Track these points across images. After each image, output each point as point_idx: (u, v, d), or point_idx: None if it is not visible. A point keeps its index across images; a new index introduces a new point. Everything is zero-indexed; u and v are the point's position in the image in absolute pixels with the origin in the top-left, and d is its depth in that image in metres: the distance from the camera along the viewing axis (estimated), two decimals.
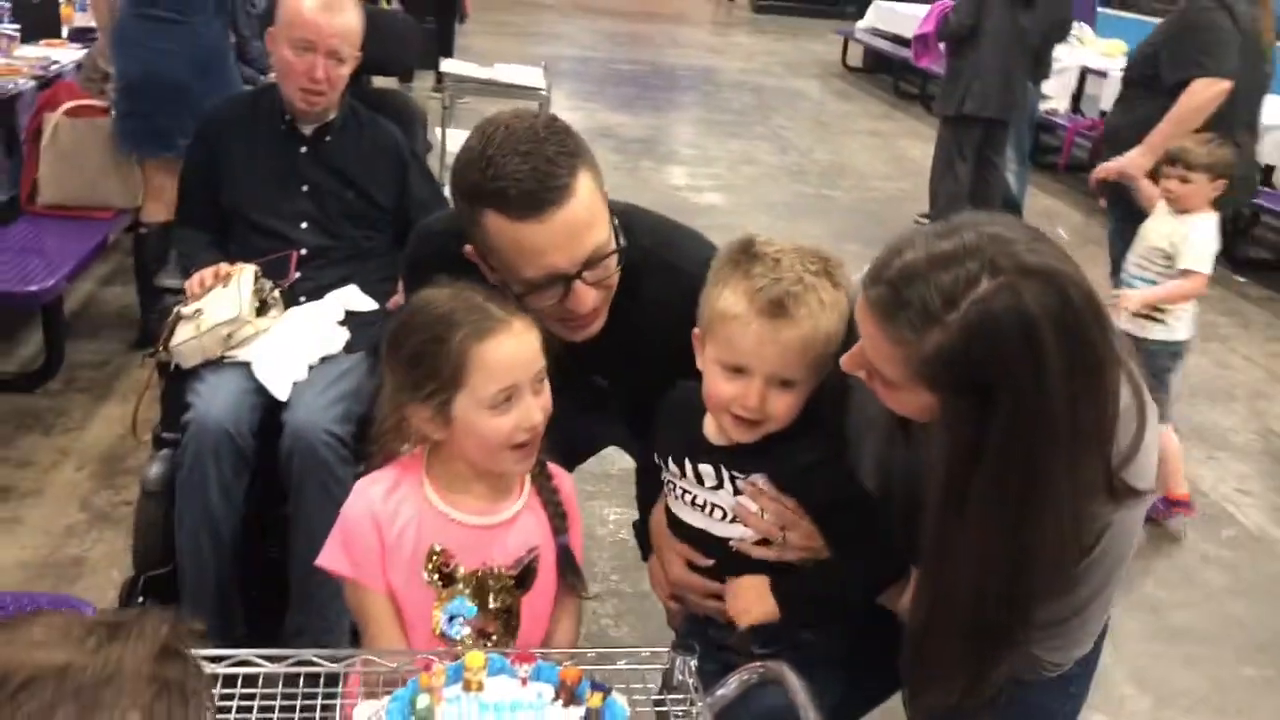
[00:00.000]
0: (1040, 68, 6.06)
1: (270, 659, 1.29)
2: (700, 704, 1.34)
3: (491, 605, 1.45)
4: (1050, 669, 1.43)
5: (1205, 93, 3.64)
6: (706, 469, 1.50)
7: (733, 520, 1.51)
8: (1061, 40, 6.36)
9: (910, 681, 1.39)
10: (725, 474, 1.49)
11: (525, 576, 1.48)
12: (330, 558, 1.46)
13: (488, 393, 1.39)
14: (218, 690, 1.25)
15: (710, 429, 1.51)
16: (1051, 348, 1.13)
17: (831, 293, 1.39)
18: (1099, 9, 12.15)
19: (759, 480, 1.47)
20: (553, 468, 1.57)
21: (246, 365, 2.27)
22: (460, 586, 1.44)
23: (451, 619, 1.43)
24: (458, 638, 1.44)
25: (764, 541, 1.51)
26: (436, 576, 1.43)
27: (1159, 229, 3.34)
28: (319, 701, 1.27)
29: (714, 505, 1.51)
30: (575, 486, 1.62)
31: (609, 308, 1.62)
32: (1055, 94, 8.33)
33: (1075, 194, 7.66)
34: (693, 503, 1.54)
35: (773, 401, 1.40)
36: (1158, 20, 11.83)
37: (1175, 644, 2.95)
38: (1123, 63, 8.75)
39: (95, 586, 2.64)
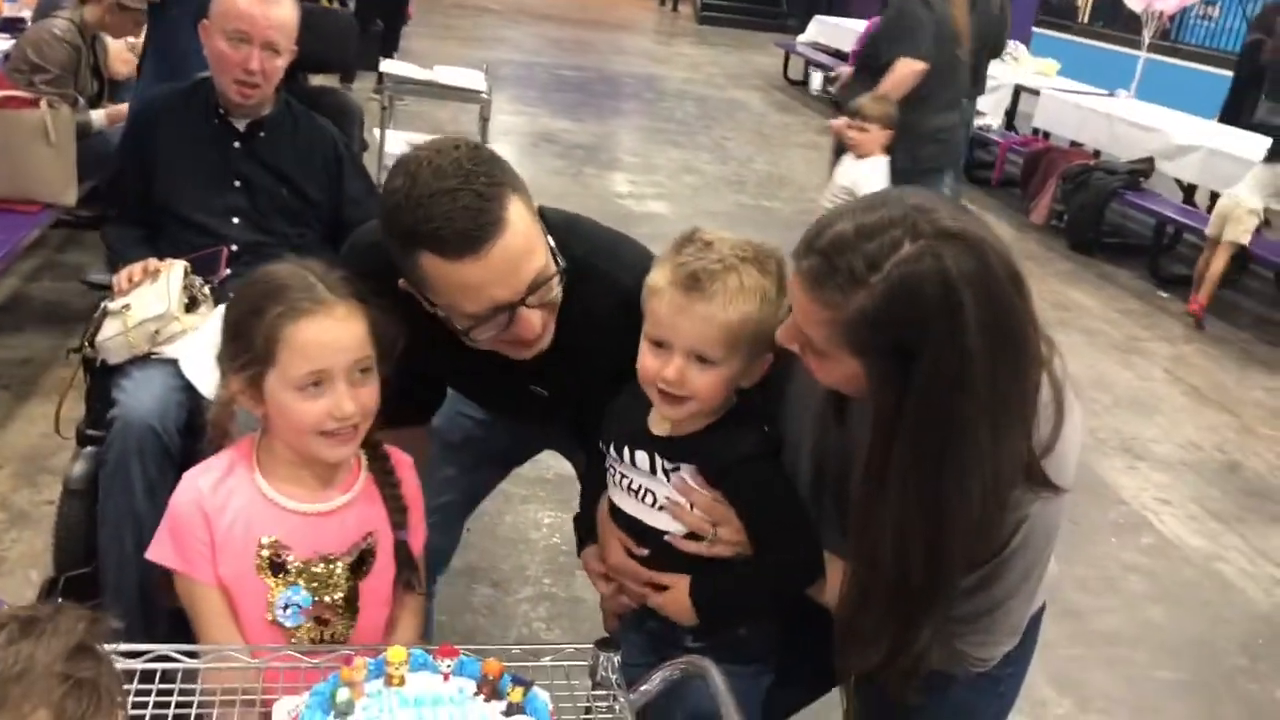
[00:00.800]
0: (975, 84, 6.15)
1: (190, 654, 1.28)
2: (623, 700, 1.35)
3: (328, 592, 1.45)
4: (976, 664, 1.46)
5: (905, 70, 4.59)
6: (642, 456, 1.52)
7: (664, 509, 1.53)
8: (996, 57, 6.47)
9: (838, 646, 1.40)
10: (659, 463, 1.50)
11: (361, 562, 1.47)
12: (158, 551, 1.44)
13: (295, 373, 1.39)
14: (135, 685, 1.24)
15: (653, 420, 1.53)
16: (970, 308, 1.17)
17: (756, 278, 1.42)
18: (1034, 29, 12.43)
19: (687, 471, 1.49)
20: (396, 457, 1.55)
21: (174, 362, 2.23)
22: (293, 575, 1.43)
23: (286, 607, 1.42)
24: (292, 626, 1.43)
25: (696, 536, 1.52)
26: (269, 566, 1.42)
27: (844, 171, 4.41)
28: (238, 697, 1.26)
29: (649, 491, 1.53)
30: (417, 477, 1.60)
31: None
32: (989, 111, 8.51)
33: (1008, 209, 7.82)
34: (629, 488, 1.55)
35: (693, 377, 1.43)
36: (1091, 41, 12.12)
37: (1095, 648, 3.02)
38: (1055, 81, 9.02)
39: (11, 588, 2.58)
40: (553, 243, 1.56)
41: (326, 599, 1.44)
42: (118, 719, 0.76)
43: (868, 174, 4.23)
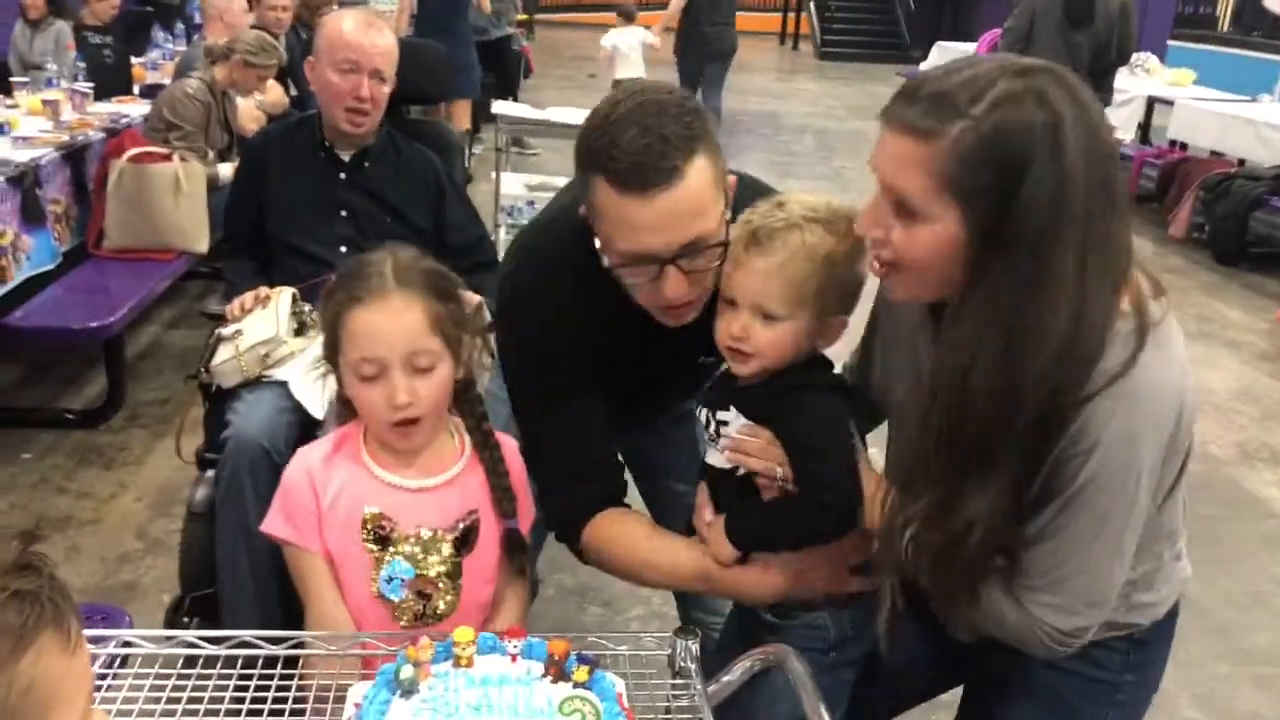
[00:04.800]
0: (1100, 92, 5.96)
1: (272, 641, 1.31)
2: (699, 688, 1.31)
3: (431, 567, 1.46)
4: (1057, 639, 1.30)
5: None
6: (704, 412, 1.51)
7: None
8: (1123, 64, 6.26)
9: (888, 501, 1.36)
10: (711, 415, 1.49)
11: (465, 538, 1.48)
12: (271, 523, 1.49)
13: (353, 359, 1.42)
14: (217, 670, 1.27)
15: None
16: (1070, 127, 1.17)
17: (821, 236, 1.38)
18: (1170, 42, 11.99)
19: (730, 416, 1.46)
20: (506, 445, 1.55)
21: (284, 384, 2.31)
22: (397, 549, 1.45)
23: (389, 580, 1.44)
24: (395, 599, 1.44)
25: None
26: (373, 539, 1.44)
27: (608, 37, 8.14)
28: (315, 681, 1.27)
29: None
30: (522, 463, 1.59)
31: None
32: (1121, 124, 8.22)
33: (1144, 224, 7.49)
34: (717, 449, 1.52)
35: (757, 333, 1.40)
36: (1230, 50, 11.55)
37: (1244, 665, 2.82)
38: (1191, 90, 8.65)
39: (146, 610, 2.69)
40: (729, 216, 1.50)
41: (429, 572, 1.46)
42: (71, 631, 0.77)
43: (620, 37, 7.93)
